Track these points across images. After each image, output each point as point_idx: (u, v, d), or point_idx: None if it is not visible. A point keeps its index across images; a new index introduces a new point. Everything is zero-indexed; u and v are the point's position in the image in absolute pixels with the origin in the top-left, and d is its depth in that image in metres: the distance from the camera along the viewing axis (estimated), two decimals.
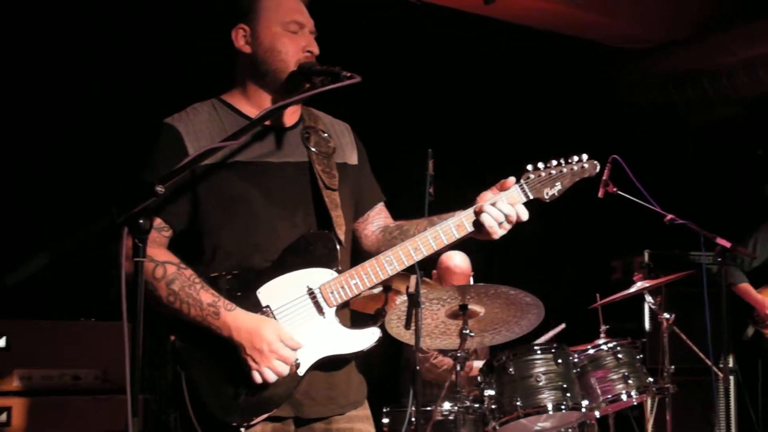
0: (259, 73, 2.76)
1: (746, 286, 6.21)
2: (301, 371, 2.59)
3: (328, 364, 2.67)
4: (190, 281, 2.55)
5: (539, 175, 2.76)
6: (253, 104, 2.77)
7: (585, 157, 2.85)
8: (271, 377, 2.52)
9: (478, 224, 2.67)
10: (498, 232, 2.67)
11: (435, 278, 5.57)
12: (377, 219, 2.99)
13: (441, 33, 6.70)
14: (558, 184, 2.78)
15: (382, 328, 4.30)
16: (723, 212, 7.06)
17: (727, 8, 7.22)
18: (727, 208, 7.35)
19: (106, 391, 4.46)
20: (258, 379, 2.53)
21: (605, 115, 7.73)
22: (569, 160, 2.82)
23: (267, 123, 2.73)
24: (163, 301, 2.54)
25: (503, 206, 2.65)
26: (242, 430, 2.54)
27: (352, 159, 2.96)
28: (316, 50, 2.73)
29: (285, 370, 2.54)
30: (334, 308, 2.65)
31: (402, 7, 6.28)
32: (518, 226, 2.76)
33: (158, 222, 2.61)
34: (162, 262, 2.56)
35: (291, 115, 2.83)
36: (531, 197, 2.73)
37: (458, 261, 5.54)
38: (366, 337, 2.67)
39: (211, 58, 2.96)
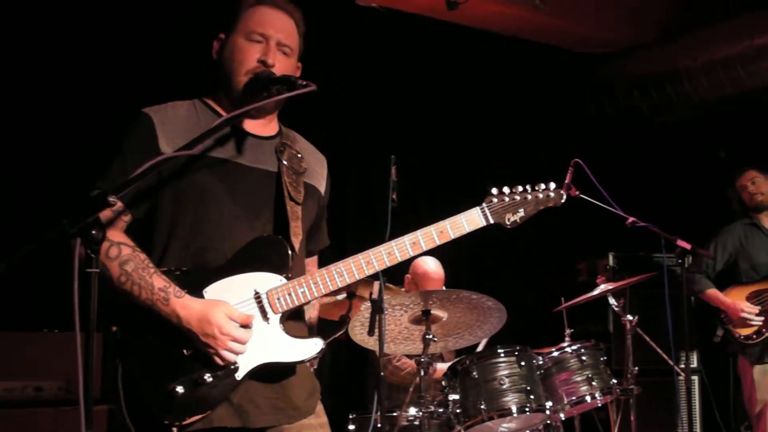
0: (221, 80, 2.81)
1: (714, 292, 6.25)
2: (238, 375, 2.58)
3: (275, 371, 2.67)
4: (144, 264, 2.55)
5: (503, 200, 2.76)
6: (225, 110, 2.80)
7: (552, 185, 2.85)
8: (232, 358, 2.53)
9: None
10: None
11: (408, 283, 5.57)
12: (310, 268, 3.00)
13: (404, 39, 6.71)
14: (521, 210, 2.78)
15: (347, 334, 4.36)
16: (686, 215, 7.15)
17: (688, 12, 7.30)
18: (691, 210, 7.44)
19: (69, 402, 4.44)
20: (219, 362, 2.53)
21: (569, 118, 7.79)
22: (535, 187, 2.82)
23: (243, 129, 2.78)
24: (114, 281, 2.52)
25: None
26: (174, 429, 2.52)
27: (322, 189, 2.99)
28: (271, 61, 2.74)
29: (241, 348, 2.54)
30: (279, 315, 2.64)
31: (365, 13, 6.30)
32: (484, 231, 2.77)
33: (119, 206, 2.59)
34: (117, 242, 2.55)
35: (268, 126, 2.88)
36: (491, 222, 2.74)
37: (433, 266, 5.54)
38: (308, 348, 2.67)
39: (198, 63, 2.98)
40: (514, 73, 7.41)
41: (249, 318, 2.58)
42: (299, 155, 2.90)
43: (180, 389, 2.52)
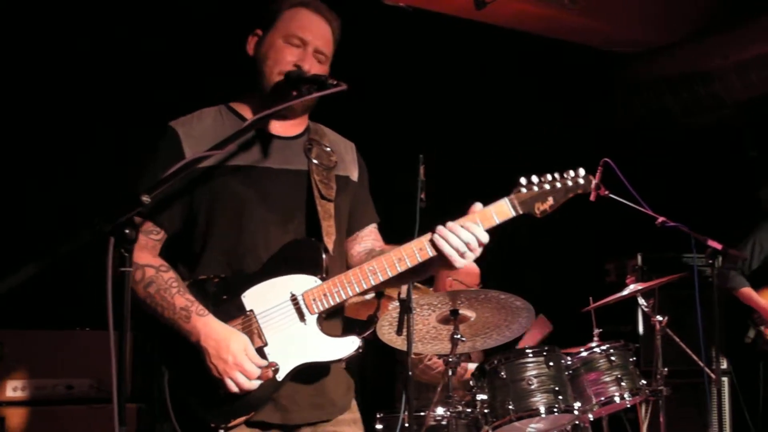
0: (255, 78, 2.83)
1: (748, 291, 6.20)
2: (279, 376, 2.62)
3: (313, 370, 2.70)
4: (167, 285, 2.60)
5: (531, 189, 2.70)
6: (253, 111, 2.83)
7: (581, 171, 2.78)
8: (234, 388, 2.55)
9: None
10: (458, 261, 2.61)
11: (442, 279, 5.54)
12: (366, 240, 3.00)
13: (433, 38, 6.70)
14: (550, 198, 2.71)
15: (374, 334, 4.36)
16: (717, 214, 7.08)
17: (719, 11, 7.23)
18: (722, 210, 7.37)
19: (100, 400, 4.47)
20: (221, 389, 2.56)
21: (598, 118, 7.75)
22: (564, 174, 2.76)
23: (270, 132, 2.80)
24: (140, 303, 2.60)
25: (462, 233, 2.60)
26: (220, 431, 2.57)
27: (354, 175, 3.00)
28: (307, 67, 2.75)
29: (246, 384, 2.56)
30: (316, 315, 2.67)
31: (393, 12, 6.30)
32: (512, 230, 2.74)
33: (148, 226, 2.68)
34: (142, 265, 2.62)
35: (296, 126, 2.89)
36: (521, 212, 2.68)
37: (471, 263, 5.52)
38: (345, 346, 2.69)
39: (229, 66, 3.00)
40: (543, 72, 7.37)
41: (262, 364, 2.59)
42: (328, 148, 2.91)
43: (224, 393, 2.57)
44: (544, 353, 4.46)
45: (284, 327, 2.65)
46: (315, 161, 2.84)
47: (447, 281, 5.53)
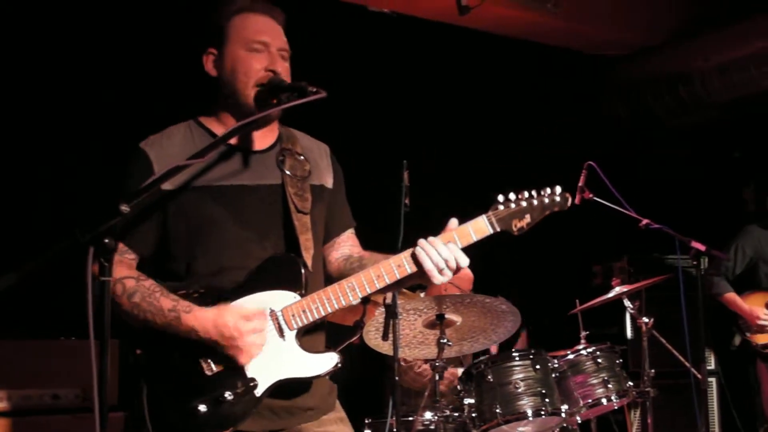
0: (225, 95, 2.80)
1: (732, 296, 6.22)
2: (258, 392, 2.61)
3: (292, 385, 2.69)
4: (149, 291, 2.60)
5: (509, 206, 2.71)
6: (226, 126, 2.79)
7: (558, 189, 2.79)
8: (256, 352, 2.58)
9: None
10: (437, 277, 2.64)
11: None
12: (343, 247, 3.01)
13: (416, 44, 6.71)
14: (527, 216, 2.72)
15: (361, 339, 4.37)
16: (702, 216, 7.12)
17: (700, 14, 7.28)
18: (706, 211, 7.41)
19: (86, 409, 4.45)
20: (246, 361, 2.58)
21: (582, 121, 7.77)
22: (541, 192, 2.76)
23: (242, 146, 2.78)
24: (129, 315, 2.59)
25: (442, 249, 2.62)
26: None
27: (328, 182, 2.99)
28: (278, 68, 2.75)
29: (262, 339, 2.59)
30: (295, 331, 2.66)
31: (376, 18, 6.31)
32: (498, 234, 2.75)
33: (122, 247, 2.67)
34: (121, 278, 2.61)
35: (266, 138, 2.87)
36: (498, 230, 2.69)
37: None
38: (324, 362, 2.68)
39: (194, 80, 2.99)
40: (527, 76, 7.39)
41: (261, 311, 2.61)
42: (301, 157, 2.90)
43: (203, 408, 2.56)
44: (531, 356, 4.48)
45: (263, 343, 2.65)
46: (288, 173, 2.82)
47: (442, 284, 5.54)
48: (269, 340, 2.64)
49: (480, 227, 2.68)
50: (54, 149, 5.29)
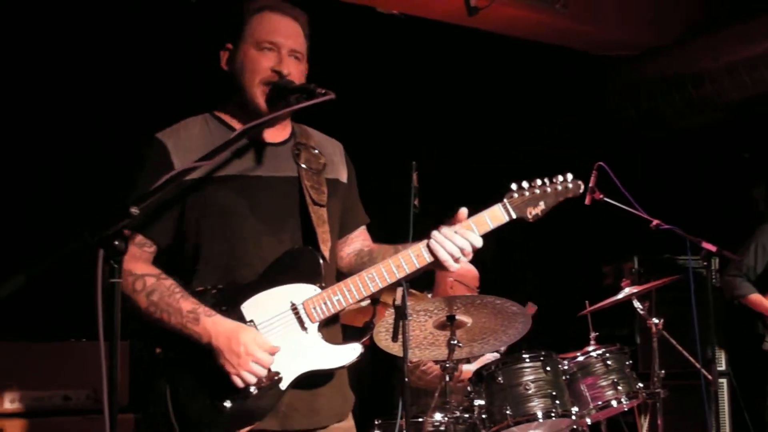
0: (236, 91, 2.83)
1: (758, 297, 6.16)
2: (283, 385, 2.63)
3: (314, 378, 2.71)
4: (169, 291, 2.61)
5: (523, 194, 2.78)
6: (240, 121, 2.82)
7: (570, 176, 2.88)
8: (251, 379, 2.56)
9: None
10: (452, 265, 2.70)
11: (442, 284, 5.54)
12: (355, 242, 3.04)
13: (425, 45, 6.72)
14: (541, 203, 2.80)
15: (371, 340, 4.36)
16: (712, 216, 7.10)
17: (709, 13, 7.26)
18: (716, 211, 7.38)
19: (97, 411, 4.45)
20: (238, 383, 2.56)
21: (591, 122, 7.76)
22: (553, 180, 2.85)
23: (257, 139, 2.80)
24: (143, 312, 2.60)
25: (456, 239, 2.68)
26: None
27: (343, 177, 3.01)
28: (286, 70, 2.76)
29: (262, 372, 2.57)
30: (317, 324, 2.68)
31: (385, 20, 6.32)
32: (508, 235, 2.78)
33: (140, 239, 2.68)
34: (141, 275, 2.62)
35: (281, 131, 2.89)
36: (514, 217, 2.76)
37: (468, 265, 5.54)
38: (347, 353, 2.71)
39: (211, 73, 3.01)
40: (536, 77, 7.38)
41: (275, 348, 2.62)
42: (316, 151, 2.92)
43: (228, 404, 2.58)
44: (541, 358, 4.47)
45: (286, 336, 2.66)
46: (304, 166, 2.85)
47: (448, 282, 5.54)
48: (291, 333, 2.65)
49: (496, 215, 2.75)
50: (62, 148, 5.31)
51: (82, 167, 5.29)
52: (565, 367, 4.64)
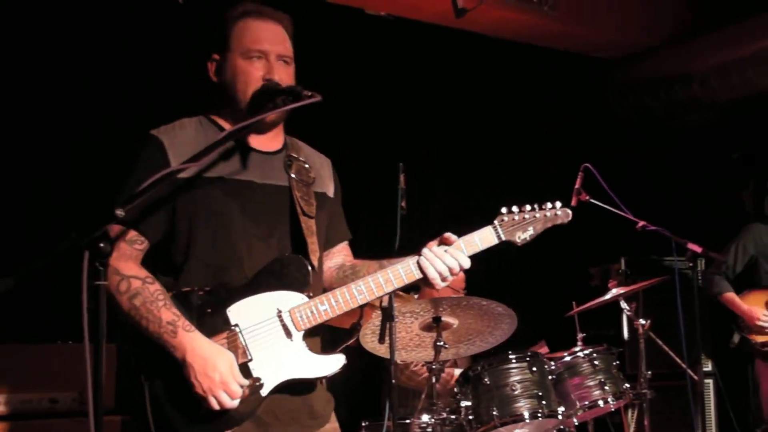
0: (226, 101, 2.84)
1: (732, 296, 6.22)
2: (264, 392, 2.63)
3: (295, 385, 2.71)
4: (153, 297, 2.60)
5: (513, 219, 2.86)
6: (232, 124, 2.82)
7: (558, 204, 2.95)
8: (216, 406, 2.56)
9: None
10: (439, 283, 2.78)
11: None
12: (337, 257, 3.07)
13: (413, 47, 6.72)
14: (530, 228, 2.89)
15: (358, 342, 4.37)
16: (699, 217, 7.13)
17: (698, 15, 7.29)
18: (704, 213, 7.41)
19: (84, 413, 4.44)
20: (204, 403, 2.56)
21: (580, 123, 7.77)
22: (543, 206, 2.93)
23: (250, 146, 2.82)
24: (124, 314, 2.60)
25: (446, 258, 2.75)
26: None
27: (330, 191, 3.04)
28: (276, 77, 2.77)
29: (228, 403, 2.56)
30: (302, 332, 2.69)
31: (373, 21, 6.32)
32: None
33: (132, 234, 2.68)
34: (128, 276, 2.61)
35: (273, 140, 2.91)
36: (504, 239, 2.85)
37: None
38: (331, 363, 2.73)
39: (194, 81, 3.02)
40: (524, 79, 7.39)
41: (245, 384, 2.60)
42: (306, 165, 2.94)
43: (206, 409, 2.57)
44: (528, 358, 4.48)
45: (270, 343, 2.66)
46: (294, 177, 2.87)
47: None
48: (276, 340, 2.66)
49: (486, 236, 2.83)
50: (54, 148, 5.29)
51: (82, 167, 5.28)
52: (552, 368, 4.66)
